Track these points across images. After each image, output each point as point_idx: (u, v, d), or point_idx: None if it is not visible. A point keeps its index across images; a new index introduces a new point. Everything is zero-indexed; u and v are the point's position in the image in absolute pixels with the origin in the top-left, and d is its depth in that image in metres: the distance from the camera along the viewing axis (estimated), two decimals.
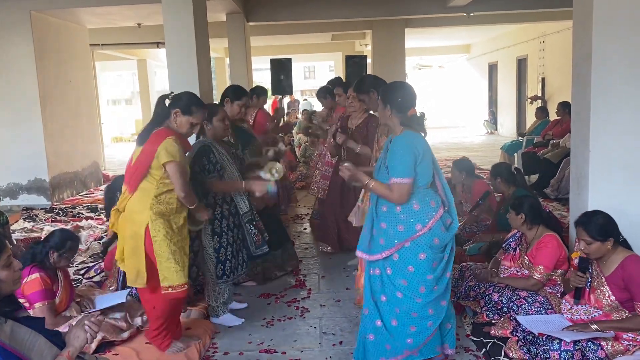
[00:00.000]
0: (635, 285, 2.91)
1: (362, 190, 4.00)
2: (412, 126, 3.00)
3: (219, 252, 3.78)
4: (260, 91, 6.56)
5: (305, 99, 18.60)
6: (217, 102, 4.85)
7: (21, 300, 2.86)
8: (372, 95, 4.27)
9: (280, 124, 8.13)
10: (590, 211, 3.24)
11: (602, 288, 3.04)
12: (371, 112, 4.78)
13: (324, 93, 6.37)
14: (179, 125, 3.24)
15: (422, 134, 3.03)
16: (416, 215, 2.91)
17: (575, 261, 3.13)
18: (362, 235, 3.14)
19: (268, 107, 14.00)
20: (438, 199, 2.99)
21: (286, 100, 16.19)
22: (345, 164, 3.15)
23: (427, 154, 2.95)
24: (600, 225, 2.99)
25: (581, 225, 3.04)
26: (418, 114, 3.03)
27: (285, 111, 11.67)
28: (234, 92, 4.55)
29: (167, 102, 3.29)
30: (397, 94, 3.03)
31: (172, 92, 3.36)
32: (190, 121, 3.24)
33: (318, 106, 19.37)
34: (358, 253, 3.14)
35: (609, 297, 3.01)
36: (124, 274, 4.07)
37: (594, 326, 2.96)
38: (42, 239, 3.81)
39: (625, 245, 3.06)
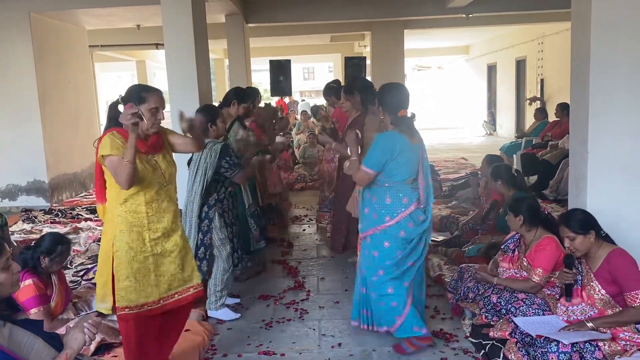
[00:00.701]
0: (621, 277, 2.96)
1: None
2: (398, 127, 3.27)
3: (233, 242, 4.05)
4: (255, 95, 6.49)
5: (303, 100, 18.59)
6: (216, 104, 4.87)
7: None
8: (355, 97, 4.65)
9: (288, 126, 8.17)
10: (568, 210, 3.38)
11: (592, 284, 3.08)
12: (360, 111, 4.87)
13: (328, 92, 6.38)
14: (124, 119, 2.76)
15: (407, 135, 3.26)
16: (387, 207, 3.30)
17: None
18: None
19: None
20: (413, 196, 3.32)
21: (285, 101, 16.21)
22: (357, 131, 3.58)
23: (406, 154, 3.24)
24: (580, 220, 3.07)
25: (562, 223, 3.11)
26: (409, 115, 3.30)
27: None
28: (239, 95, 4.66)
29: (121, 106, 2.93)
30: (389, 95, 3.32)
31: (120, 96, 2.99)
32: (148, 108, 2.83)
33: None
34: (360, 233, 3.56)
35: (599, 291, 3.05)
36: None
37: (590, 324, 2.98)
38: (32, 245, 3.78)
39: (608, 240, 3.11)
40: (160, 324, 3.05)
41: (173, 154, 3.10)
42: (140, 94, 2.87)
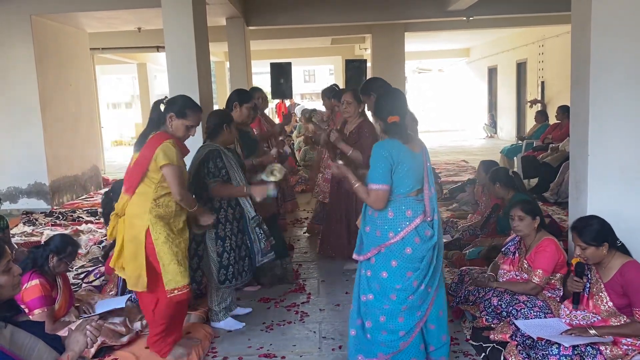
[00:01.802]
0: (634, 292, 2.91)
1: None
2: (390, 134, 3.00)
3: (222, 257, 3.78)
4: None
5: (298, 104, 18.57)
6: (218, 108, 4.87)
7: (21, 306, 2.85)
8: (371, 98, 4.38)
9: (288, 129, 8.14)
10: (585, 216, 3.25)
11: (600, 294, 3.04)
12: (366, 117, 4.80)
13: (327, 93, 6.38)
14: (175, 129, 3.25)
15: (403, 142, 2.96)
16: (390, 223, 2.94)
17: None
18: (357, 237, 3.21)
19: (268, 111, 13.99)
20: (418, 209, 2.97)
21: (286, 103, 16.21)
22: (339, 162, 3.24)
23: (406, 163, 2.92)
24: (594, 231, 3.00)
25: (575, 231, 3.05)
26: (396, 121, 2.98)
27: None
28: (240, 96, 4.60)
29: (162, 106, 3.30)
30: (380, 99, 3.11)
31: (166, 97, 3.37)
32: (185, 124, 3.25)
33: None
34: (354, 255, 3.18)
35: (607, 302, 3.02)
36: (124, 278, 4.07)
37: (592, 331, 2.96)
38: (42, 243, 3.80)
39: (623, 250, 3.07)
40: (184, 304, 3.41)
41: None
42: (185, 110, 3.25)
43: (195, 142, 3.79)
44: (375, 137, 4.36)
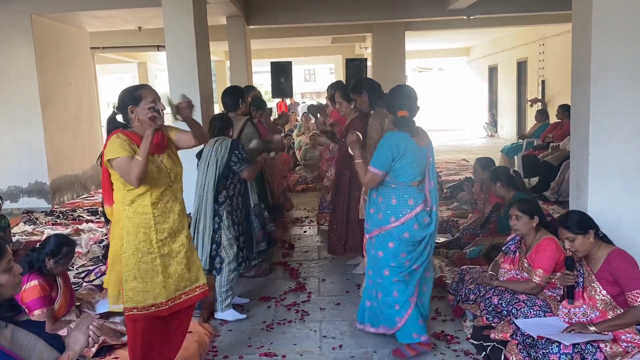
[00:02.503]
0: (622, 277, 2.97)
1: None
2: (400, 127, 3.28)
3: (238, 240, 4.07)
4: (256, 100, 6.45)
5: (304, 102, 18.53)
6: (218, 106, 4.89)
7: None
8: (363, 97, 4.60)
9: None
10: (565, 212, 3.39)
11: (593, 285, 3.09)
12: (360, 113, 4.84)
13: (330, 89, 6.32)
14: (144, 118, 2.82)
15: (411, 135, 3.27)
16: (392, 208, 3.31)
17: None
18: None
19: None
20: (419, 198, 3.33)
21: (287, 102, 16.22)
22: (357, 132, 3.54)
23: (410, 155, 3.25)
24: (577, 220, 3.10)
25: (561, 225, 3.14)
26: (406, 116, 3.29)
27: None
28: (238, 93, 4.87)
29: (119, 117, 2.94)
30: (392, 95, 3.39)
31: (113, 106, 2.99)
32: (147, 103, 2.82)
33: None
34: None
35: (600, 292, 3.05)
36: None
37: (592, 328, 2.97)
38: (37, 246, 3.79)
39: (606, 240, 3.13)
40: (166, 324, 3.05)
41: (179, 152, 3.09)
42: (134, 94, 2.87)
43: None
44: (364, 130, 4.43)
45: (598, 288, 3.06)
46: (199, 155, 4.09)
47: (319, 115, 7.50)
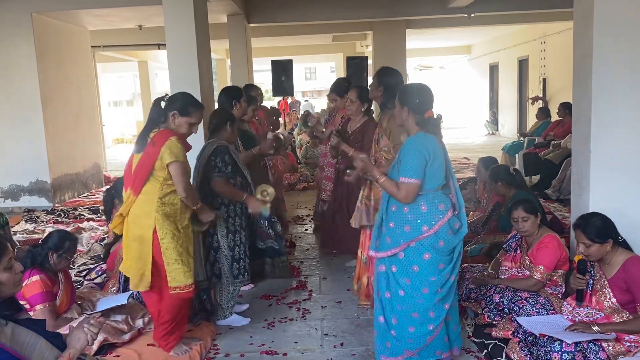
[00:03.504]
0: (637, 288, 2.90)
1: (362, 192, 4.02)
2: (427, 128, 3.03)
3: (234, 251, 3.83)
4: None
5: (307, 100, 18.55)
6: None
7: (22, 303, 2.85)
8: (379, 90, 4.18)
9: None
10: (588, 213, 3.24)
11: (604, 290, 3.04)
12: (370, 117, 4.77)
13: (334, 87, 6.20)
14: (178, 127, 3.24)
15: (437, 136, 3.06)
16: (423, 216, 2.96)
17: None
18: (372, 233, 3.23)
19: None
20: (448, 202, 3.02)
21: (288, 101, 16.22)
22: (361, 156, 3.27)
23: (439, 157, 2.97)
24: (598, 228, 2.99)
25: (579, 228, 3.04)
26: (435, 116, 3.07)
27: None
28: (235, 92, 4.68)
29: (163, 104, 3.28)
30: (416, 95, 3.06)
31: (166, 95, 3.36)
32: (189, 122, 3.26)
33: (318, 107, 19.34)
34: (370, 252, 3.23)
35: (610, 299, 3.01)
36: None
37: (596, 328, 2.95)
38: (40, 242, 3.80)
39: (625, 245, 3.06)
40: (185, 303, 3.40)
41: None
42: (188, 107, 3.25)
43: (196, 139, 3.76)
44: (370, 139, 4.27)
45: (609, 294, 3.00)
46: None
47: (309, 123, 7.33)
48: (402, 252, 3.00)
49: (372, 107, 5.02)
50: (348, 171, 3.30)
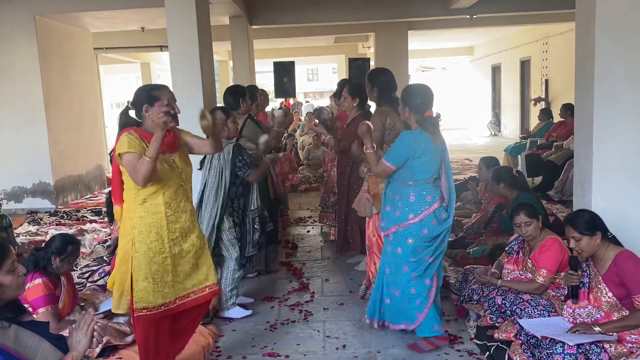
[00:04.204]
0: (629, 280, 2.94)
1: (365, 181, 4.14)
2: (425, 126, 3.32)
3: (240, 241, 4.06)
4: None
5: (307, 101, 18.53)
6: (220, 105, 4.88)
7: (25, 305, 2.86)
8: (373, 91, 4.52)
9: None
10: (576, 210, 3.34)
11: (599, 286, 3.06)
12: (363, 111, 4.84)
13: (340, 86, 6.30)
14: (156, 118, 2.79)
15: (433, 134, 3.33)
16: (410, 205, 3.35)
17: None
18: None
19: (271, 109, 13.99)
20: (436, 194, 3.38)
21: (290, 102, 16.21)
22: (367, 122, 3.52)
23: (429, 153, 3.29)
24: (586, 221, 3.06)
25: (568, 223, 3.10)
26: (434, 115, 3.37)
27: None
28: (240, 93, 4.82)
29: (130, 112, 2.97)
30: (417, 96, 3.38)
31: (128, 102, 3.00)
32: (163, 104, 2.85)
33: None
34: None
35: (606, 294, 3.02)
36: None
37: (597, 328, 2.95)
38: (43, 245, 3.81)
39: (615, 241, 3.09)
40: (174, 323, 3.06)
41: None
42: (151, 93, 2.89)
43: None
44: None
45: (604, 290, 3.03)
46: (201, 162, 4.06)
47: (322, 116, 7.40)
48: (392, 234, 3.42)
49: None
50: (367, 122, 3.52)
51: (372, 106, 5.00)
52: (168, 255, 2.89)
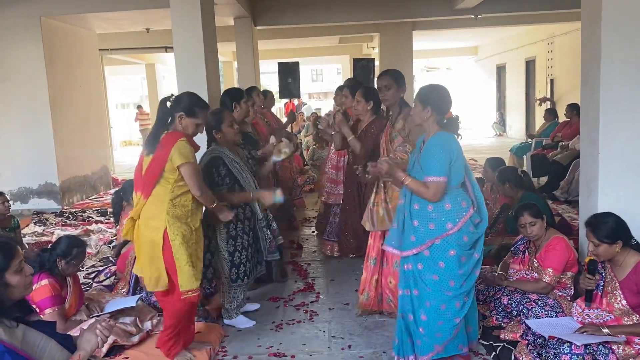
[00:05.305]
0: None
1: (374, 194, 4.01)
2: (447, 128, 3.11)
3: (233, 256, 3.81)
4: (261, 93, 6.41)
5: (305, 104, 18.48)
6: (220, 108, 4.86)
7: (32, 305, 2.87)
8: (399, 91, 4.19)
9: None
10: (600, 213, 3.23)
11: (615, 292, 3.02)
12: (378, 116, 4.75)
13: (340, 88, 6.32)
14: (185, 128, 3.23)
15: (457, 136, 3.14)
16: (447, 214, 3.03)
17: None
18: (391, 231, 3.30)
19: (276, 109, 14.03)
20: (468, 199, 3.10)
21: (294, 102, 16.23)
22: (384, 158, 3.31)
23: (460, 155, 3.06)
24: (609, 228, 2.99)
25: (589, 227, 3.04)
26: (454, 116, 3.17)
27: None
28: (236, 94, 4.65)
29: (169, 104, 3.28)
30: (439, 97, 3.13)
31: (172, 95, 3.35)
32: (195, 123, 3.26)
33: (324, 108, 19.24)
34: (386, 247, 3.32)
35: (620, 301, 2.99)
36: (136, 277, 4.09)
37: (606, 330, 2.94)
38: (49, 247, 3.82)
39: (637, 248, 3.04)
40: (193, 308, 3.41)
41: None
42: (194, 108, 3.25)
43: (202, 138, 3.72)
44: (379, 137, 4.26)
45: (619, 297, 2.99)
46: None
47: (319, 126, 7.29)
48: (428, 249, 3.06)
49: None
50: (370, 164, 3.31)
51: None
52: (194, 242, 3.24)
